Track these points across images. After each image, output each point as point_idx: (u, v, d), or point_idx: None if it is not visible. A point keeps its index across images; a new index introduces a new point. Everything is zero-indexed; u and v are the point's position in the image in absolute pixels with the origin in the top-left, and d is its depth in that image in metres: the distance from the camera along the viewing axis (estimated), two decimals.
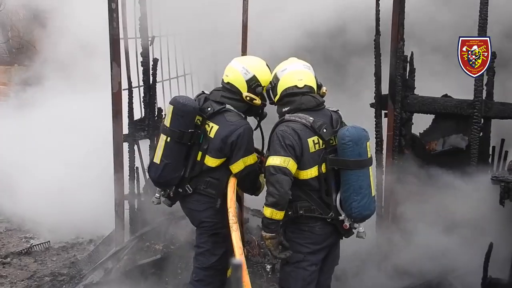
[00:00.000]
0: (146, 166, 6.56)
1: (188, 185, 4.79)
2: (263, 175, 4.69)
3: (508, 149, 5.67)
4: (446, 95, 5.73)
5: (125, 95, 6.27)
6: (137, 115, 6.52)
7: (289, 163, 4.28)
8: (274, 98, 4.60)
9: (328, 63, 6.99)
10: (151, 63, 6.48)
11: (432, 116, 5.82)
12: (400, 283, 5.56)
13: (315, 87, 4.53)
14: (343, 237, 4.64)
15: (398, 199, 5.65)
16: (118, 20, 6.02)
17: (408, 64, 5.67)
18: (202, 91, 4.93)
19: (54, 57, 9.56)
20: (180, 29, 7.14)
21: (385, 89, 5.72)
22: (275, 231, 4.37)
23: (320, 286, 4.69)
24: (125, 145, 6.34)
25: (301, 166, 4.36)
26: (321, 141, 4.39)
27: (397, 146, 5.66)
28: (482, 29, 5.18)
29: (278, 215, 4.32)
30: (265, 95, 4.76)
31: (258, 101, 4.72)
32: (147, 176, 6.60)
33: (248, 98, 4.69)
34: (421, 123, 5.88)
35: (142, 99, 6.57)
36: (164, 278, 5.99)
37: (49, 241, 7.31)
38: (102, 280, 5.82)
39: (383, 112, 5.78)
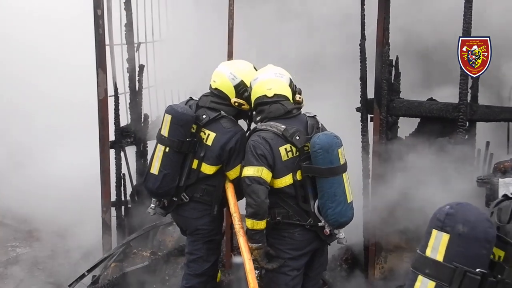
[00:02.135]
0: (133, 173, 6.61)
1: (184, 194, 4.77)
2: None
3: (493, 151, 5.70)
4: (431, 99, 5.77)
5: (111, 101, 6.26)
6: (124, 121, 6.51)
7: (263, 172, 4.29)
8: (252, 106, 4.62)
9: None
10: (137, 69, 6.47)
11: (418, 120, 5.85)
12: (393, 283, 5.59)
13: (288, 94, 4.51)
14: (329, 244, 4.64)
15: (385, 204, 5.66)
16: (104, 26, 6.02)
17: (393, 68, 5.71)
18: (190, 97, 4.91)
19: None
20: (166, 35, 7.15)
21: (370, 93, 5.75)
22: (261, 241, 4.37)
23: None
24: (112, 152, 6.32)
25: (275, 175, 4.36)
26: (294, 149, 4.38)
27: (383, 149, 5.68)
28: (467, 32, 5.22)
29: (260, 224, 4.32)
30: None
31: (246, 106, 4.72)
32: (134, 183, 6.62)
33: (236, 103, 4.69)
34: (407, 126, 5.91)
35: (128, 106, 6.57)
36: (152, 285, 5.97)
37: (35, 250, 7.25)
38: None
39: (369, 116, 5.80)
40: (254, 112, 4.65)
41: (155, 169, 4.69)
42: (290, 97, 4.51)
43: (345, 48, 6.67)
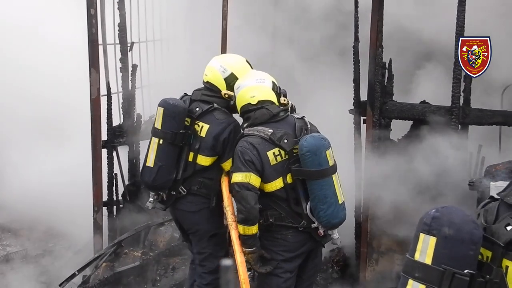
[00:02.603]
0: (125, 173, 6.60)
1: (182, 187, 4.77)
2: None
3: (485, 155, 5.72)
4: (424, 102, 5.78)
5: (103, 101, 6.24)
6: (116, 121, 6.50)
7: (251, 178, 4.27)
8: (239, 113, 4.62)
9: None
10: (130, 69, 6.46)
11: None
12: (385, 285, 5.61)
13: (273, 98, 4.47)
14: (324, 245, 4.64)
15: (377, 206, 5.67)
16: (97, 25, 6.00)
17: (386, 70, 5.72)
18: (185, 93, 4.93)
19: None
20: (159, 35, 7.14)
21: (363, 95, 5.75)
22: (254, 245, 4.35)
23: None
24: (104, 151, 6.31)
25: (264, 180, 4.34)
26: (283, 152, 4.36)
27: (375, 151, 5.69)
28: (460, 35, 5.24)
29: (251, 230, 4.31)
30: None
31: None
32: (126, 183, 6.61)
33: (227, 96, 4.70)
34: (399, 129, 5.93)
35: (121, 105, 6.55)
36: (143, 285, 5.96)
37: (26, 249, 7.22)
38: None
39: (362, 118, 5.81)
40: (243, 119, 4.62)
41: (150, 161, 4.71)
42: (275, 101, 4.48)
43: (340, 50, 6.68)
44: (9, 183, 7.75)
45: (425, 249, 2.49)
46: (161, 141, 4.67)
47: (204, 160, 4.72)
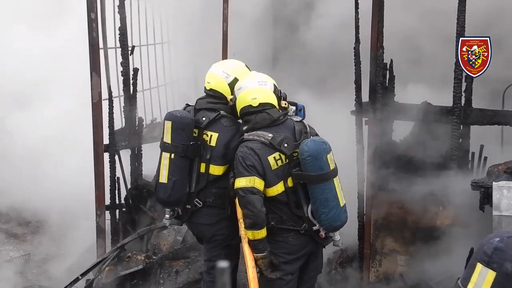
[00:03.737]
0: (127, 176, 6.59)
1: (197, 199, 4.72)
2: None
3: (487, 155, 5.72)
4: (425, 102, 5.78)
5: (105, 105, 6.25)
6: (118, 125, 6.50)
7: (255, 181, 4.25)
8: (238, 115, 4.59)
9: None
10: (131, 72, 6.46)
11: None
12: (388, 287, 5.60)
13: (273, 102, 4.46)
14: (325, 246, 4.63)
15: (379, 208, 5.67)
16: (98, 29, 6.01)
17: (387, 71, 5.71)
18: (187, 104, 4.89)
19: None
20: (160, 38, 7.15)
21: (365, 97, 5.75)
22: (265, 250, 4.32)
23: None
24: (106, 155, 6.31)
25: (266, 184, 4.32)
26: (283, 157, 4.34)
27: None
28: (460, 35, 5.24)
29: (260, 234, 4.28)
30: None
31: None
32: (128, 186, 6.61)
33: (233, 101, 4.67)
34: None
35: (122, 109, 6.55)
36: None
37: (29, 254, 7.23)
38: None
39: (363, 119, 5.81)
40: (242, 121, 4.60)
41: (163, 177, 4.64)
42: (276, 104, 4.47)
43: (340, 51, 6.68)
44: (12, 188, 7.76)
45: (481, 284, 2.21)
46: (172, 155, 4.61)
47: (216, 170, 4.66)
